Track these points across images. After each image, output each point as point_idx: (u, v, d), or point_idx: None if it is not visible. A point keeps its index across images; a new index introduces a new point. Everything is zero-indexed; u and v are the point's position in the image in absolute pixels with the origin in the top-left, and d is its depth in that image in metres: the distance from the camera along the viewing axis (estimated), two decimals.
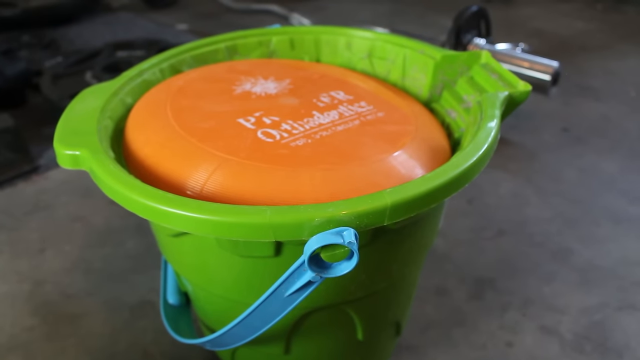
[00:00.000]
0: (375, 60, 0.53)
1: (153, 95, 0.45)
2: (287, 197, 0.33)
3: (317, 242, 0.29)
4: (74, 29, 1.32)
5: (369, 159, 0.37)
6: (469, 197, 0.76)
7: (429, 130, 0.42)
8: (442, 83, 0.48)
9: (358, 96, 0.45)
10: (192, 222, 0.30)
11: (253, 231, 0.30)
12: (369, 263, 0.37)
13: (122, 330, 0.57)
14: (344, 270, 0.30)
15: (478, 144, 0.35)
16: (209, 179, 0.35)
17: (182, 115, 0.41)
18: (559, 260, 0.65)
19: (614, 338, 0.55)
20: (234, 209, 0.30)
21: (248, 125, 0.40)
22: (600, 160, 0.84)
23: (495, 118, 0.38)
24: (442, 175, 0.32)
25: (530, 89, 0.41)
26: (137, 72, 0.48)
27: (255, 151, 0.36)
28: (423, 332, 0.56)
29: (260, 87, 0.46)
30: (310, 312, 0.39)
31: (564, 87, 1.05)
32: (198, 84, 0.46)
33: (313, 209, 0.29)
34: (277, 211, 0.29)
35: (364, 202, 0.30)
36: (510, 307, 0.59)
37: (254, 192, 0.34)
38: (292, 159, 0.36)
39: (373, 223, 0.30)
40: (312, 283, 0.31)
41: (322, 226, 0.29)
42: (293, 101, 0.43)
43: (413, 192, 0.31)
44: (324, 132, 0.39)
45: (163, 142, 0.38)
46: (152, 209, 0.31)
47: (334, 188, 0.34)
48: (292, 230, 0.29)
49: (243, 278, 0.37)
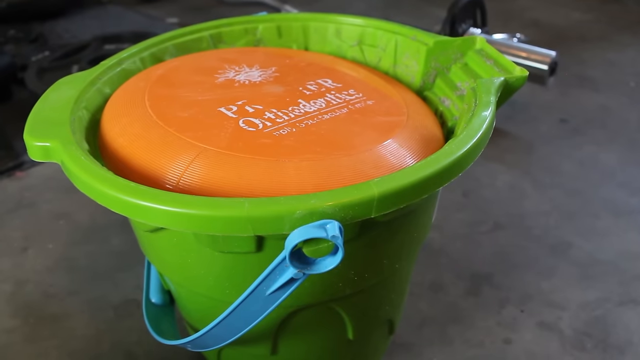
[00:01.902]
0: (366, 48, 0.51)
1: (131, 85, 0.43)
2: (269, 189, 0.31)
3: (299, 236, 0.27)
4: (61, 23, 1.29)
5: (357, 148, 0.35)
6: (465, 190, 0.74)
7: (421, 118, 0.40)
8: (435, 70, 0.46)
9: (347, 84, 0.43)
10: (165, 216, 0.28)
11: (230, 225, 0.28)
12: (357, 258, 0.35)
13: (105, 331, 0.55)
14: (328, 266, 0.28)
15: (472, 131, 0.33)
16: (187, 170, 0.33)
17: (160, 104, 0.39)
18: (557, 255, 0.63)
19: (615, 334, 0.54)
20: (210, 201, 0.28)
21: (229, 114, 0.37)
22: (599, 152, 0.82)
23: (490, 105, 0.36)
24: (433, 164, 0.30)
25: (527, 75, 0.40)
26: (116, 61, 0.46)
27: (236, 141, 0.34)
28: (418, 329, 0.54)
29: (244, 75, 0.43)
30: (297, 310, 0.37)
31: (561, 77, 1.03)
32: (179, 73, 0.44)
33: (294, 201, 0.27)
34: (256, 203, 0.27)
35: (349, 193, 0.28)
36: (508, 303, 0.57)
37: (233, 183, 0.32)
38: (275, 148, 0.34)
39: (359, 215, 0.28)
40: (294, 280, 0.29)
41: (304, 219, 0.27)
42: (278, 89, 0.41)
43: (402, 182, 0.29)
44: (310, 121, 0.37)
45: (139, 132, 0.36)
46: (123, 202, 0.29)
47: (319, 179, 0.32)
48: (272, 223, 0.27)
49: (224, 275, 0.35)
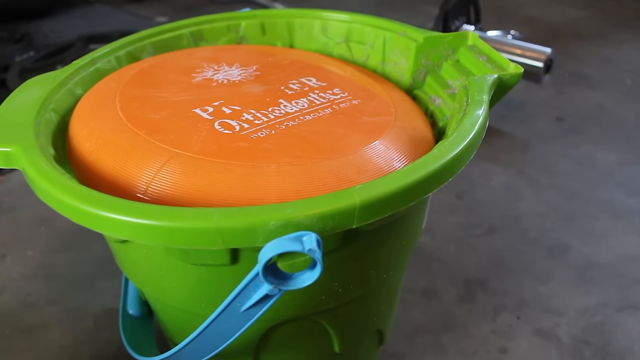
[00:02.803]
0: (353, 45, 0.49)
1: (103, 85, 0.40)
2: (243, 197, 0.29)
3: (273, 250, 0.24)
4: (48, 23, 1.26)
5: (341, 151, 0.32)
6: (458, 192, 0.71)
7: (410, 118, 0.38)
8: (426, 68, 0.44)
9: (332, 83, 0.41)
10: (127, 228, 0.26)
11: (198, 237, 0.25)
12: (340, 270, 0.33)
13: (84, 342, 0.53)
14: (306, 281, 0.26)
15: (463, 132, 0.31)
16: (155, 177, 0.30)
17: (131, 105, 0.36)
18: (555, 258, 0.61)
19: (615, 341, 0.52)
20: (176, 211, 0.26)
21: (205, 116, 0.35)
22: (596, 151, 0.80)
23: (482, 103, 0.34)
24: (421, 169, 0.28)
25: (522, 72, 0.37)
26: (89, 60, 0.44)
27: (210, 144, 0.32)
28: (409, 338, 0.52)
29: (223, 74, 0.41)
30: (278, 324, 0.35)
31: (557, 75, 1.01)
32: (154, 72, 0.41)
33: (268, 211, 0.25)
34: (226, 214, 0.25)
35: (328, 201, 0.26)
36: (504, 309, 0.55)
37: (205, 191, 0.29)
38: (252, 152, 0.32)
39: (340, 226, 0.26)
40: (270, 296, 0.27)
41: (279, 231, 0.25)
42: (258, 89, 0.39)
43: (386, 188, 0.27)
44: (291, 122, 0.35)
45: (107, 136, 0.34)
46: (83, 213, 0.27)
47: (299, 185, 0.30)
48: (244, 236, 0.25)
49: (198, 289, 0.33)
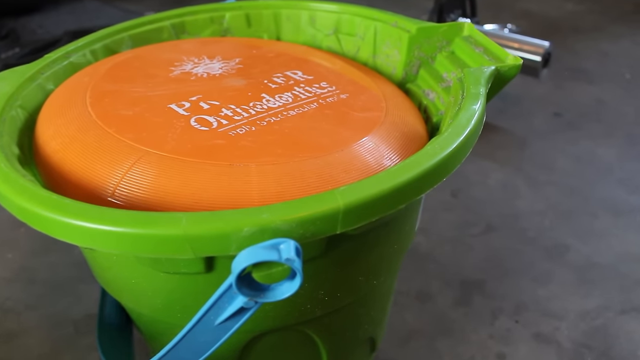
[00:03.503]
0: (343, 37, 0.46)
1: (75, 80, 0.38)
2: (218, 200, 0.27)
3: (247, 259, 0.22)
4: (36, 19, 1.23)
5: (326, 149, 0.30)
6: (454, 190, 0.69)
7: (401, 114, 0.36)
8: (419, 60, 0.42)
9: (319, 76, 0.39)
10: (86, 235, 0.23)
11: (165, 245, 0.23)
12: (326, 277, 0.30)
13: (64, 349, 0.50)
14: (285, 293, 0.23)
15: (458, 128, 0.29)
16: (124, 178, 0.28)
17: (102, 101, 0.34)
18: (554, 258, 0.59)
19: (617, 345, 0.49)
20: (141, 217, 0.23)
21: (180, 112, 0.33)
22: (595, 147, 0.78)
23: (479, 96, 0.31)
24: (412, 168, 0.26)
25: (521, 63, 0.35)
26: (63, 53, 0.41)
27: (184, 142, 0.30)
28: (403, 344, 0.50)
29: (203, 67, 0.39)
30: (260, 335, 0.33)
31: (555, 69, 0.99)
32: (130, 66, 0.39)
33: (241, 216, 0.23)
34: (196, 219, 0.23)
35: (308, 205, 0.23)
36: (501, 313, 0.53)
37: (177, 193, 0.27)
38: (229, 151, 0.29)
39: (322, 232, 0.24)
40: (246, 309, 0.24)
41: (254, 237, 0.22)
42: (239, 82, 0.37)
43: (374, 190, 0.24)
44: (273, 118, 0.32)
45: (74, 134, 0.31)
46: (41, 218, 0.24)
47: (279, 187, 0.27)
48: (215, 243, 0.23)
49: (173, 298, 0.30)
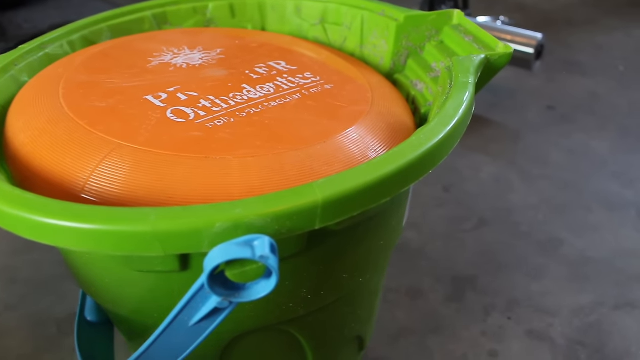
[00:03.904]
0: (329, 27, 0.45)
1: (50, 71, 0.36)
2: (193, 195, 0.25)
3: (219, 256, 0.21)
4: (22, 13, 1.22)
5: (307, 141, 0.29)
6: (446, 184, 0.68)
7: (388, 104, 0.34)
8: (407, 50, 0.40)
9: (303, 66, 0.37)
10: (52, 232, 0.22)
11: (134, 243, 0.22)
12: (308, 274, 0.29)
13: (46, 350, 0.49)
14: (261, 292, 0.22)
15: (446, 118, 0.28)
16: (94, 172, 0.26)
17: (76, 93, 0.32)
18: (547, 253, 0.58)
19: (612, 342, 0.48)
20: (107, 213, 0.22)
21: (157, 103, 0.31)
22: (589, 140, 0.77)
23: (468, 85, 0.30)
24: (396, 159, 0.24)
25: (512, 51, 0.34)
26: (38, 44, 0.40)
27: (159, 134, 0.28)
28: (393, 342, 0.49)
29: (183, 58, 0.37)
30: (241, 335, 0.32)
31: (548, 62, 0.98)
32: (107, 57, 0.37)
33: (213, 211, 0.21)
34: (165, 215, 0.21)
35: (284, 199, 0.22)
36: (494, 309, 0.52)
37: (150, 188, 0.26)
38: (206, 143, 0.28)
39: (299, 227, 0.22)
40: (221, 309, 0.23)
41: (227, 234, 0.21)
42: (220, 73, 0.35)
43: (355, 182, 0.23)
44: (253, 109, 0.31)
45: (44, 126, 0.30)
46: (3, 215, 0.23)
47: (257, 180, 0.26)
48: (186, 240, 0.21)
49: (149, 297, 0.29)
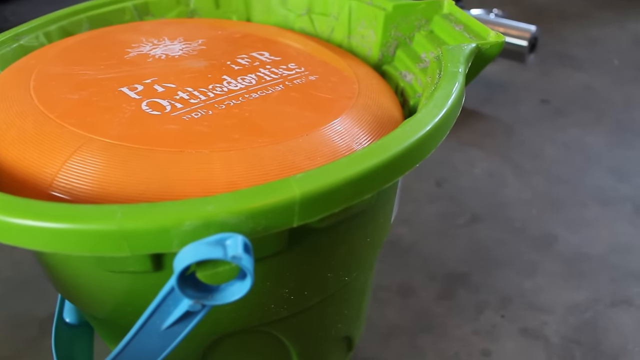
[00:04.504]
0: (316, 17, 0.43)
1: (22, 63, 0.35)
2: (166, 191, 0.24)
3: (189, 257, 0.19)
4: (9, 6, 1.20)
5: (289, 133, 0.27)
6: (438, 179, 0.67)
7: (375, 96, 0.33)
8: (396, 40, 0.39)
9: (287, 57, 0.36)
10: (9, 231, 0.21)
11: (99, 242, 0.20)
12: (290, 274, 0.28)
13: (25, 352, 0.47)
14: (235, 294, 0.21)
15: (434, 108, 0.26)
16: (62, 167, 0.25)
17: (47, 85, 0.31)
18: (541, 249, 0.57)
19: (607, 340, 0.47)
20: (70, 210, 0.20)
21: (132, 95, 0.30)
22: (584, 134, 0.76)
23: (458, 75, 0.29)
24: (380, 152, 0.23)
25: (504, 40, 0.33)
26: (12, 35, 0.38)
27: (132, 128, 0.27)
28: (383, 341, 0.48)
29: (162, 49, 0.36)
30: (221, 337, 0.30)
31: (542, 55, 0.96)
32: (83, 48, 0.36)
33: (183, 208, 0.20)
34: (132, 212, 0.20)
35: (260, 195, 0.20)
36: (487, 307, 0.50)
37: (122, 184, 0.24)
38: (181, 136, 0.26)
39: (276, 225, 0.21)
40: (194, 313, 0.22)
41: (198, 232, 0.20)
42: (199, 64, 0.34)
43: (335, 177, 0.22)
44: (233, 101, 0.30)
45: (12, 120, 0.28)
46: None
47: (234, 175, 0.25)
48: (154, 239, 0.20)
49: (123, 300, 0.28)
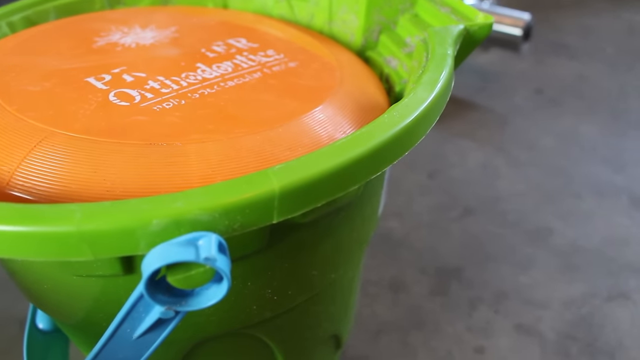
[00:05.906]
0: (295, 3, 0.42)
1: None
2: (134, 187, 0.22)
3: (158, 260, 0.18)
4: None
5: (267, 123, 0.26)
6: (430, 171, 0.65)
7: (359, 83, 0.31)
8: (379, 25, 0.38)
9: (266, 44, 0.34)
10: None
11: (57, 245, 0.18)
12: (272, 273, 0.26)
13: (5, 352, 0.46)
14: (211, 299, 0.19)
15: (421, 94, 0.24)
16: (21, 164, 0.23)
17: (7, 76, 0.29)
18: (536, 243, 0.55)
19: (604, 335, 0.46)
20: (24, 210, 0.18)
21: (99, 86, 0.28)
22: (579, 124, 0.75)
23: (446, 57, 0.27)
24: (363, 141, 0.21)
25: (492, 22, 0.31)
26: None
27: (98, 120, 0.25)
28: (374, 338, 0.46)
29: (133, 37, 0.34)
30: (202, 342, 0.28)
31: (536, 44, 0.95)
32: (47, 37, 0.34)
33: (150, 205, 0.18)
34: (93, 211, 0.18)
35: (235, 189, 0.19)
36: (480, 302, 0.49)
37: (86, 180, 0.22)
38: (151, 128, 0.25)
39: (254, 222, 0.19)
40: (167, 320, 0.20)
41: (167, 232, 0.18)
42: (172, 52, 0.32)
43: (317, 168, 0.20)
44: (207, 90, 0.28)
45: None
46: None
47: (208, 169, 0.23)
48: (118, 241, 0.18)
49: (94, 305, 0.26)
